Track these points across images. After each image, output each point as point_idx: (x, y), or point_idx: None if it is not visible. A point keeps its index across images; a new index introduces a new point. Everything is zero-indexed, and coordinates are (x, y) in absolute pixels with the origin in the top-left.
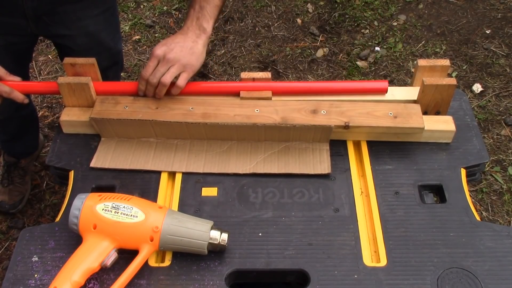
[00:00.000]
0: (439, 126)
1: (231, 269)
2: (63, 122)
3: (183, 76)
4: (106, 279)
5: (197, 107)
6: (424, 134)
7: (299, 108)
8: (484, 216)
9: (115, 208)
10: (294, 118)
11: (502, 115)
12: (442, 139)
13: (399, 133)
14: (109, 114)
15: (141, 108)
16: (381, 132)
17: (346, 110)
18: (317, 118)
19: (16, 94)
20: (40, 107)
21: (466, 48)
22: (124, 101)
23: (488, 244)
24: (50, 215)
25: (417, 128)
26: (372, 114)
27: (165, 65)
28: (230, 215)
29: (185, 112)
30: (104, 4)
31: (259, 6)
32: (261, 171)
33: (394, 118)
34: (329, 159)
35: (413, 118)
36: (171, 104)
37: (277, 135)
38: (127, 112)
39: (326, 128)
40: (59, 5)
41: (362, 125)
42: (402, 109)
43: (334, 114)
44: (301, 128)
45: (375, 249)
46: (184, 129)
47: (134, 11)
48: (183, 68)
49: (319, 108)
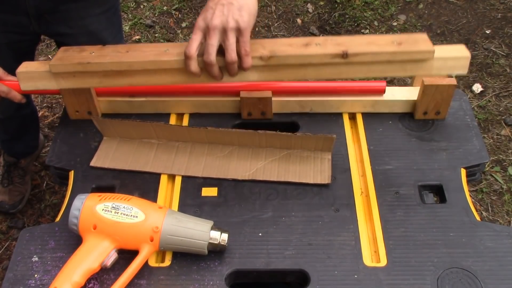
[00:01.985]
0: (451, 52)
1: (231, 269)
2: (20, 75)
3: (242, 41)
4: (106, 279)
5: (173, 48)
6: (436, 64)
7: (290, 43)
8: (484, 216)
9: (115, 208)
10: (284, 50)
11: (502, 115)
12: (457, 69)
13: (406, 62)
14: (71, 59)
15: (109, 53)
16: (386, 61)
17: (343, 42)
18: (310, 49)
19: (14, 93)
20: (40, 107)
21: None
22: (90, 49)
23: (488, 244)
24: (50, 215)
25: (426, 52)
26: (374, 43)
27: (214, 36)
28: (230, 215)
29: (159, 53)
30: (106, 3)
31: (259, 6)
32: (260, 178)
33: (399, 44)
34: (330, 169)
35: (421, 43)
36: (143, 47)
37: (279, 142)
38: (93, 56)
39: (328, 138)
40: (61, 4)
41: (363, 52)
42: (407, 37)
43: (329, 45)
44: (302, 137)
45: (375, 249)
46: (185, 132)
47: (134, 11)
48: (237, 32)
49: (311, 41)
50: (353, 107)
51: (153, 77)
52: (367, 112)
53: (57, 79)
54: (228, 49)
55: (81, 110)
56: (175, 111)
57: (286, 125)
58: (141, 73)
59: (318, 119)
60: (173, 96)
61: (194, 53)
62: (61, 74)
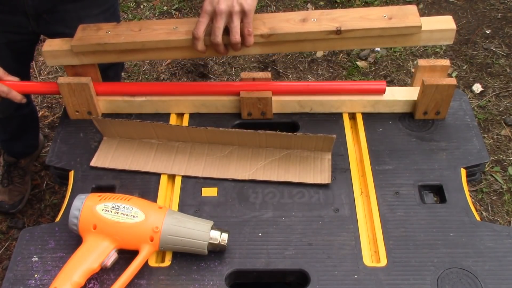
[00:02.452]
0: (438, 25)
1: (231, 269)
2: (45, 53)
3: (245, 23)
4: (106, 279)
5: (181, 26)
6: (423, 36)
7: (288, 19)
8: (484, 216)
9: (115, 209)
10: (282, 27)
11: (502, 115)
12: (443, 40)
13: (395, 36)
14: (90, 39)
15: (123, 32)
16: (377, 36)
17: (338, 16)
18: (306, 26)
19: (14, 94)
20: (40, 107)
21: (466, 48)
22: (106, 27)
23: (488, 244)
24: (50, 215)
25: (413, 27)
26: (365, 18)
27: (220, 19)
28: (230, 215)
29: (169, 32)
30: (105, 3)
31: (259, 6)
32: (260, 178)
33: (389, 19)
34: (330, 169)
35: (409, 17)
36: (154, 25)
37: (279, 142)
38: (109, 36)
39: (328, 138)
40: (60, 4)
41: (355, 28)
42: (397, 10)
43: (325, 21)
44: (302, 137)
45: (375, 249)
46: (185, 132)
47: (134, 11)
48: (241, 15)
49: (308, 17)
50: (353, 107)
51: (164, 53)
52: (367, 112)
53: (79, 56)
54: (233, 31)
55: (81, 110)
56: (175, 111)
57: (286, 125)
58: (153, 50)
59: (318, 119)
60: (173, 96)
61: (201, 35)
62: (82, 52)
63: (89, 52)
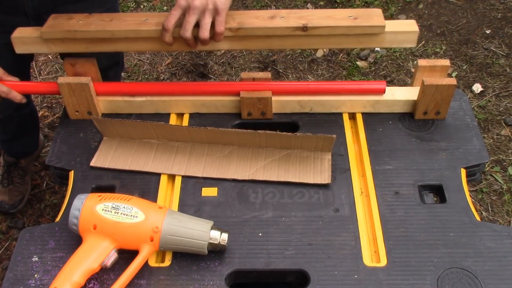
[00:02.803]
0: (401, 27)
1: (231, 269)
2: (14, 40)
3: (218, 21)
4: (106, 279)
5: (152, 18)
6: (387, 37)
7: (257, 16)
8: (484, 216)
9: (115, 209)
10: (251, 22)
11: (502, 115)
12: (406, 42)
13: (360, 36)
14: (60, 26)
15: (94, 21)
16: (342, 34)
17: (305, 15)
18: (274, 22)
19: (14, 94)
20: (40, 107)
21: (466, 48)
22: (78, 17)
23: (488, 244)
24: (50, 215)
25: (377, 27)
26: (332, 17)
27: (193, 15)
28: (230, 215)
29: (139, 23)
30: (105, 4)
31: (259, 6)
32: (260, 178)
33: (355, 19)
34: (330, 169)
35: (374, 18)
36: (126, 16)
37: (279, 142)
38: (79, 25)
39: (328, 138)
40: (60, 5)
41: (321, 25)
42: (362, 12)
43: (292, 18)
44: (302, 137)
45: (375, 249)
46: (185, 132)
47: (134, 11)
48: (214, 13)
49: (277, 14)
50: (353, 107)
51: (133, 44)
52: (367, 112)
53: (48, 44)
54: (203, 28)
55: (81, 110)
56: (175, 111)
57: (286, 125)
58: (122, 40)
59: (318, 119)
60: (173, 96)
61: (171, 27)
62: (51, 40)
63: (58, 40)
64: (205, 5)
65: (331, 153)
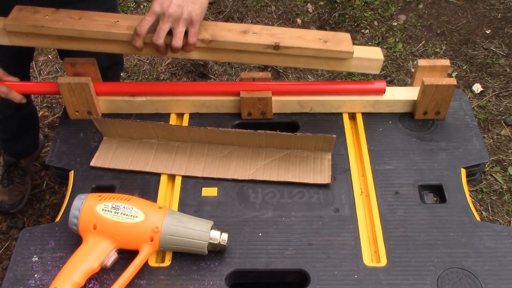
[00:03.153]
0: (367, 54)
1: (231, 269)
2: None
3: (191, 32)
4: (106, 279)
5: (123, 21)
6: (354, 63)
7: (230, 29)
8: (484, 216)
9: (115, 208)
10: (224, 35)
11: (502, 115)
12: (370, 69)
13: (329, 59)
14: (26, 20)
15: (62, 18)
16: (312, 56)
17: (277, 33)
18: (247, 37)
19: (14, 94)
20: (40, 107)
21: (466, 48)
22: (44, 11)
23: (488, 244)
24: (50, 215)
25: (346, 52)
26: (303, 38)
27: (166, 22)
28: (230, 215)
29: (109, 24)
30: (104, 4)
31: (259, 6)
32: (260, 178)
33: (325, 42)
34: (330, 169)
35: (343, 43)
36: (95, 16)
37: (279, 142)
38: (46, 20)
39: (328, 138)
40: (59, 5)
41: (292, 46)
42: (332, 36)
43: (265, 35)
44: (302, 137)
45: (375, 249)
46: (185, 132)
47: (134, 11)
48: (188, 23)
49: (249, 29)
50: (353, 107)
51: (102, 45)
52: (367, 112)
53: (11, 37)
54: (176, 36)
55: (81, 110)
56: (175, 111)
57: (286, 125)
58: (91, 41)
59: (318, 119)
60: (173, 96)
61: (143, 33)
62: (15, 33)
63: (22, 34)
64: (180, 14)
65: (331, 153)
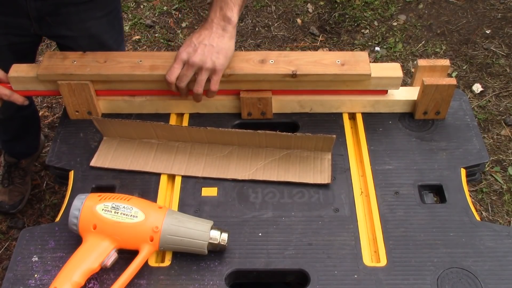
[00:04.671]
0: (386, 72)
1: (231, 269)
2: (12, 79)
3: (213, 80)
4: (106, 279)
5: (146, 60)
6: (372, 82)
7: (248, 59)
8: (484, 216)
9: (115, 208)
10: (242, 68)
11: (502, 115)
12: (390, 86)
13: (347, 81)
14: (56, 69)
15: (89, 62)
16: (330, 81)
17: (294, 59)
18: (265, 67)
19: (16, 96)
20: (40, 107)
21: (466, 48)
22: (73, 56)
23: (488, 244)
24: (50, 215)
25: (363, 75)
26: (319, 63)
27: (190, 69)
28: (230, 215)
29: (133, 65)
30: (107, 6)
31: (259, 6)
32: (260, 178)
33: (342, 65)
34: (330, 169)
35: (360, 65)
36: (120, 57)
37: (279, 142)
38: (75, 67)
39: (328, 138)
40: (62, 7)
41: (309, 73)
42: (350, 57)
43: (282, 63)
44: (302, 137)
45: (375, 249)
46: (185, 132)
47: (134, 11)
48: (210, 71)
49: (267, 58)
50: (353, 107)
51: (127, 85)
52: (367, 112)
53: (44, 83)
54: (198, 84)
55: (81, 110)
56: (175, 111)
57: (286, 125)
58: (117, 82)
59: (318, 119)
60: (173, 96)
61: (173, 80)
62: (47, 80)
63: (54, 81)
64: (204, 62)
65: (331, 153)
